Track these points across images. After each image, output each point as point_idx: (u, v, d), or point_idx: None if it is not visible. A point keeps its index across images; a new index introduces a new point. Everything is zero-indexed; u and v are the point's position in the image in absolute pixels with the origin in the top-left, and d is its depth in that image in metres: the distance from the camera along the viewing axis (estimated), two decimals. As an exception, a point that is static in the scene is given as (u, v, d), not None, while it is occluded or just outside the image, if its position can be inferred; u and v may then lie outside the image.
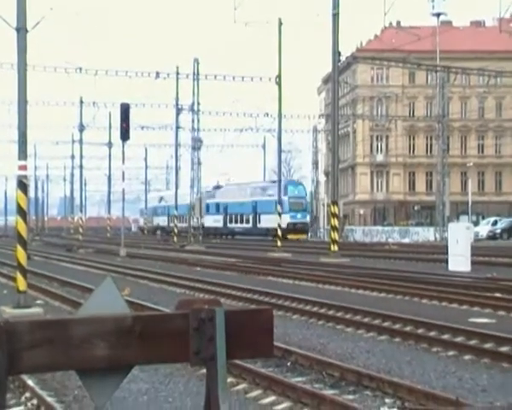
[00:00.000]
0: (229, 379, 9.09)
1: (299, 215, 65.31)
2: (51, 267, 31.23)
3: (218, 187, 79.57)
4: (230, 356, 2.95)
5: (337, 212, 35.93)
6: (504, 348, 11.59)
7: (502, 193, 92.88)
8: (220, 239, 69.54)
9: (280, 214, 43.89)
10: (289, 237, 59.00)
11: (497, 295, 18.91)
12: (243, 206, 71.18)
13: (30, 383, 9.31)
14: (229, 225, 74.05)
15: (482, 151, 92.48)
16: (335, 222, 35.69)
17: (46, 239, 72.12)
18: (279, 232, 42.64)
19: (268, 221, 62.77)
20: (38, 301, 19.07)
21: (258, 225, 68.58)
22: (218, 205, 75.21)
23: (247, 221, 71.10)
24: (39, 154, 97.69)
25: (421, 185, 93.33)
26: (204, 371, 2.95)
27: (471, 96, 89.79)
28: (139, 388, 9.37)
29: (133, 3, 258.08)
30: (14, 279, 18.55)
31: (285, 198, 60.17)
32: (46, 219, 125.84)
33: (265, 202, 66.11)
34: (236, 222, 73.26)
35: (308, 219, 68.58)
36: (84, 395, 8.58)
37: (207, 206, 71.65)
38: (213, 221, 74.12)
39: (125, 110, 37.76)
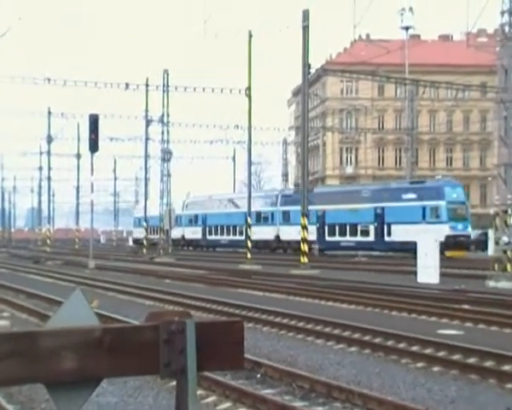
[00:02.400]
0: (199, 392, 9.04)
1: (460, 226, 49.06)
2: (18, 279, 30.90)
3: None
4: (201, 368, 2.93)
5: (307, 224, 36.01)
6: (472, 360, 11.68)
7: (470, 205, 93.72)
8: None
9: (249, 226, 43.82)
10: (448, 254, 42.81)
11: (465, 306, 19.07)
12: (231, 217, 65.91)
13: (-4, 396, 9.18)
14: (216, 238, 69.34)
15: (450, 164, 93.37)
16: (305, 234, 35.76)
17: (13, 251, 71.40)
18: (247, 244, 42.35)
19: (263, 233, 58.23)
20: (5, 314, 18.85)
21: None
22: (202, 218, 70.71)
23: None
24: (6, 165, 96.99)
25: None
26: (173, 383, 2.92)
27: (439, 110, 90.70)
28: (108, 401, 9.29)
29: (102, 14, 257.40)
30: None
31: (442, 203, 48.63)
32: (13, 230, 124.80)
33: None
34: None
35: (470, 230, 51.28)
36: (51, 408, 8.48)
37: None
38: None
39: (93, 121, 37.59)
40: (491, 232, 30.26)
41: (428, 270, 27.71)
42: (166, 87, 52.46)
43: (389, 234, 51.38)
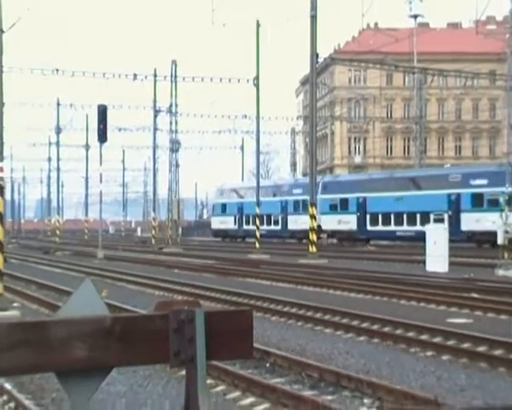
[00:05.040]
0: (209, 381, 9.07)
1: None
2: (28, 270, 31.01)
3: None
4: (210, 357, 2.94)
5: (315, 213, 36.00)
6: (482, 348, 11.68)
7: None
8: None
9: (258, 216, 43.86)
10: None
11: (474, 295, 19.04)
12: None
13: (7, 386, 9.24)
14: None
15: (459, 152, 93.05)
16: (313, 223, 35.75)
17: (23, 242, 71.64)
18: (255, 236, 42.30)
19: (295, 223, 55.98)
20: (15, 304, 18.92)
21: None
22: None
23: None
24: (16, 156, 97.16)
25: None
26: (183, 372, 2.94)
27: (448, 98, 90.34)
28: (118, 390, 9.33)
29: (110, 5, 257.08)
30: (-10, 282, 18.38)
31: None
32: (23, 221, 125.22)
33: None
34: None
35: None
36: (62, 397, 8.53)
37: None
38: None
39: (102, 112, 37.60)
40: (500, 220, 30.12)
41: (437, 258, 27.66)
42: (174, 77, 52.46)
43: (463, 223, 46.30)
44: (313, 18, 35.79)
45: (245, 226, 63.29)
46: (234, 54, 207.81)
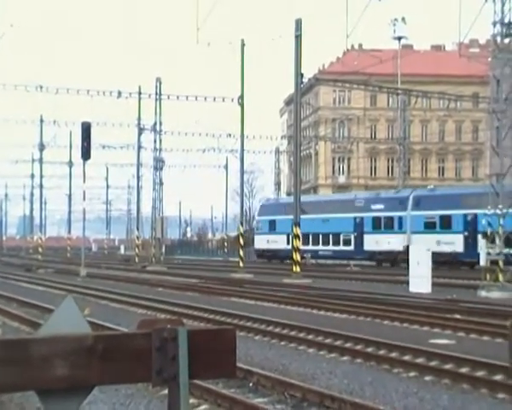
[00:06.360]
0: (191, 400, 9.01)
1: None
2: (9, 287, 30.77)
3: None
4: (193, 376, 2.92)
5: (299, 233, 36.01)
6: (464, 369, 11.68)
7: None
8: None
9: (241, 235, 43.78)
10: None
11: (457, 316, 19.08)
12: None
13: (-13, 405, 9.13)
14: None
15: (443, 174, 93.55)
16: (297, 243, 35.76)
17: (4, 259, 71.14)
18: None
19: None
20: (-4, 322, 18.75)
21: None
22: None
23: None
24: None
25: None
26: (165, 391, 2.91)
27: (431, 120, 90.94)
28: (99, 409, 9.25)
29: (95, 22, 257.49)
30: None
31: None
32: (4, 238, 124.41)
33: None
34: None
35: None
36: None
37: None
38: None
39: (86, 129, 37.54)
40: (482, 242, 30.25)
41: (420, 279, 27.72)
42: (159, 95, 52.46)
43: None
44: (298, 38, 35.98)
45: (301, 246, 55.30)
46: (218, 72, 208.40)
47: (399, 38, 74.26)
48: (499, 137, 29.73)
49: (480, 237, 37.09)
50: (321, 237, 54.94)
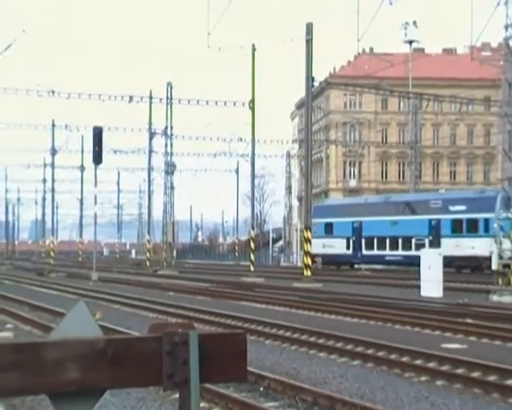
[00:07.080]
0: (202, 404, 9.02)
1: None
2: (22, 291, 30.89)
3: None
4: (204, 380, 2.93)
5: (310, 237, 35.99)
6: (476, 374, 11.64)
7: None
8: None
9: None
10: None
11: (469, 320, 19.01)
12: None
13: (-1, 408, 9.17)
14: None
15: (454, 178, 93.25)
16: (308, 247, 35.73)
17: (17, 263, 71.40)
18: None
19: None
20: (8, 326, 18.84)
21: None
22: None
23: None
24: (10, 177, 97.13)
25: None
26: (176, 395, 2.92)
27: (443, 123, 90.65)
28: (110, 413, 9.27)
29: (107, 27, 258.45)
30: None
31: None
32: (17, 242, 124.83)
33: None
34: None
35: None
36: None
37: None
38: None
39: (97, 134, 37.66)
40: (494, 246, 30.14)
41: (432, 284, 27.64)
42: (170, 100, 52.58)
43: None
44: (309, 42, 35.99)
45: (365, 251, 52.66)
46: (229, 77, 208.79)
47: (411, 42, 74.08)
48: (511, 141, 29.63)
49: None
50: (388, 240, 51.66)
